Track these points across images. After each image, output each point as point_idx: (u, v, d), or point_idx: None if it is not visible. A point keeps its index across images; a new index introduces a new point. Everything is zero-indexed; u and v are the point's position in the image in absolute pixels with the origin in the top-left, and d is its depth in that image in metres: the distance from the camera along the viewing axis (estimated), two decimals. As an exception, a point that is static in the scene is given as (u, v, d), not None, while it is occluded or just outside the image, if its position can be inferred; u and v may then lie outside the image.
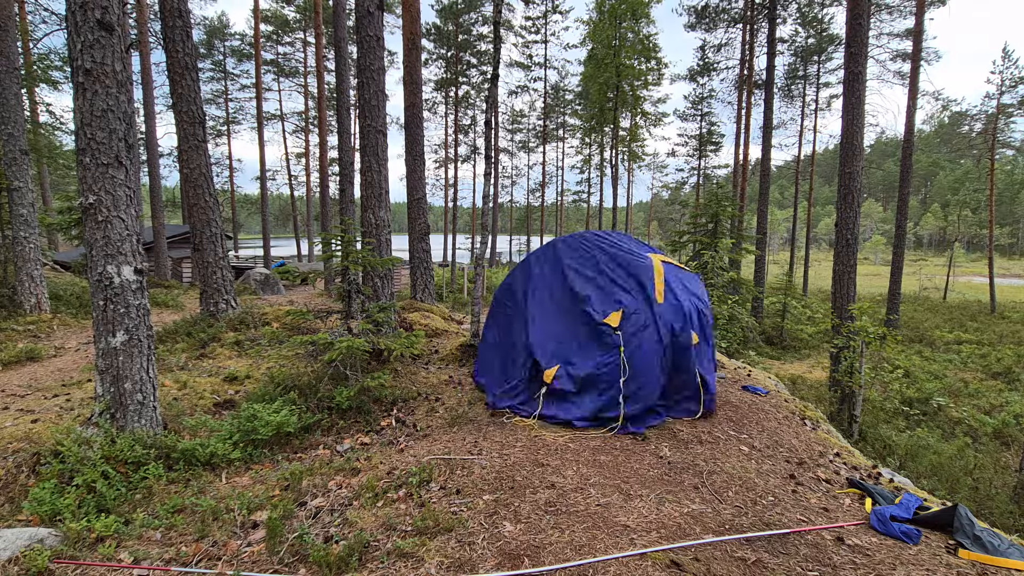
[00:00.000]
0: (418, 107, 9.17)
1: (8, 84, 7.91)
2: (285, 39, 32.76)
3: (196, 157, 6.87)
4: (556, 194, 45.45)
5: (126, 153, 3.32)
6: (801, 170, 31.69)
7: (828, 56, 27.98)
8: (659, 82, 30.84)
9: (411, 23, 9.41)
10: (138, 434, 3.29)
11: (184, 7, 6.63)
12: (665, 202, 53.23)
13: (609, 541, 2.35)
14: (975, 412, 10.75)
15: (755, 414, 4.42)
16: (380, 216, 6.50)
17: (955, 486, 6.77)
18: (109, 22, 3.20)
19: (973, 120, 30.07)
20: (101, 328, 3.31)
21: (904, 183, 18.37)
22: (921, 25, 18.65)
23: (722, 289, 12.66)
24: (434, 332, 6.82)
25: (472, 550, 2.25)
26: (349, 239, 5.26)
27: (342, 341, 4.46)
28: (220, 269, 7.07)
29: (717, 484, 3.09)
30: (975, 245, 64.13)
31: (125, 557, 2.31)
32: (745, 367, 6.38)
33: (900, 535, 2.63)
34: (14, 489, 3.00)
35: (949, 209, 56.21)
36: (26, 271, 8.22)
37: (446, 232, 34.13)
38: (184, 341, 6.27)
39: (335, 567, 2.15)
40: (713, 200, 14.43)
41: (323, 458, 3.58)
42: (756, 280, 20.59)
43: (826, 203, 67.74)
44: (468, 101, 33.98)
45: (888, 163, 66.81)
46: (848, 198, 9.85)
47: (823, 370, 14.12)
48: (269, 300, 10.88)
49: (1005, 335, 19.07)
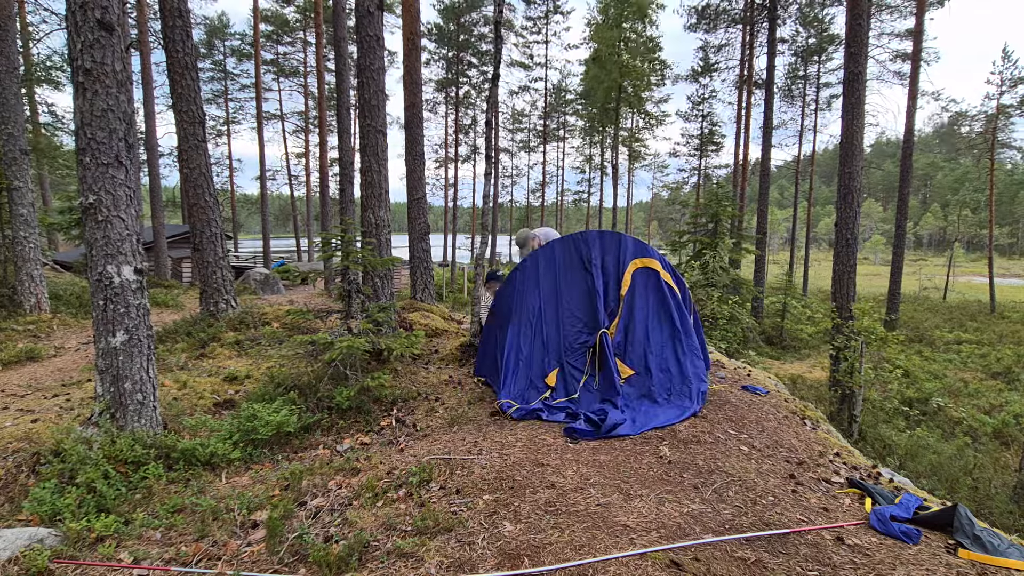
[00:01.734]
0: (418, 107, 9.17)
1: (8, 84, 7.91)
2: (285, 39, 32.76)
3: (196, 157, 6.87)
4: (556, 194, 45.45)
5: (126, 153, 3.32)
6: (801, 170, 31.70)
7: (828, 56, 27.98)
8: (661, 82, 30.90)
9: (411, 23, 9.41)
10: (138, 434, 3.30)
11: (184, 7, 6.63)
12: (665, 202, 53.24)
13: (609, 541, 2.35)
14: (975, 412, 10.75)
15: (755, 414, 4.41)
16: (380, 216, 6.50)
17: (955, 486, 6.78)
18: (109, 22, 3.20)
19: (973, 120, 30.09)
20: (101, 328, 3.31)
21: (904, 183, 18.37)
22: (921, 25, 18.66)
23: (722, 289, 12.66)
24: (434, 332, 6.82)
25: (472, 550, 2.25)
26: (349, 239, 5.26)
27: (342, 341, 4.46)
28: (220, 269, 7.07)
29: (717, 484, 3.09)
30: (975, 245, 64.11)
31: (125, 557, 2.31)
32: (745, 367, 6.38)
33: (900, 535, 2.63)
34: (14, 489, 3.00)
35: (949, 209, 56.23)
36: (26, 271, 8.22)
37: (446, 232, 34.15)
38: (184, 341, 6.27)
39: (335, 567, 2.15)
40: (713, 200, 14.44)
41: (323, 458, 3.58)
42: (756, 280, 20.59)
43: (826, 203, 67.71)
44: (468, 101, 33.99)
45: (888, 163, 66.77)
46: (848, 198, 9.86)
47: (823, 370, 14.13)
48: (269, 300, 10.88)
49: (1005, 335, 19.08)
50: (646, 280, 4.91)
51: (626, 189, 43.69)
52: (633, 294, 4.85)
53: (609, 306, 4.82)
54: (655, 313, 4.84)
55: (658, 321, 4.81)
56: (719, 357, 6.56)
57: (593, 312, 4.77)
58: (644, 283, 4.90)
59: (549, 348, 4.71)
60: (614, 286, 4.87)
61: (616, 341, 4.70)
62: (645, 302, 4.85)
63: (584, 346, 4.71)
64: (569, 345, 4.72)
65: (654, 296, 4.88)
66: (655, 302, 4.87)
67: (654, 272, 4.94)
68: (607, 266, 4.91)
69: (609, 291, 4.87)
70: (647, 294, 4.88)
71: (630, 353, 4.68)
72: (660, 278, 4.92)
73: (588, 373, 4.59)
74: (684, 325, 4.87)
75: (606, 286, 4.86)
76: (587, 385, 4.52)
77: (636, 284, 4.87)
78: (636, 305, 4.82)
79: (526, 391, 4.52)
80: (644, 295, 4.87)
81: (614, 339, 4.70)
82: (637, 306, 4.82)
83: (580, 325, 4.78)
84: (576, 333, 4.76)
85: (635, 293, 4.85)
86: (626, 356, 4.67)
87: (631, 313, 4.80)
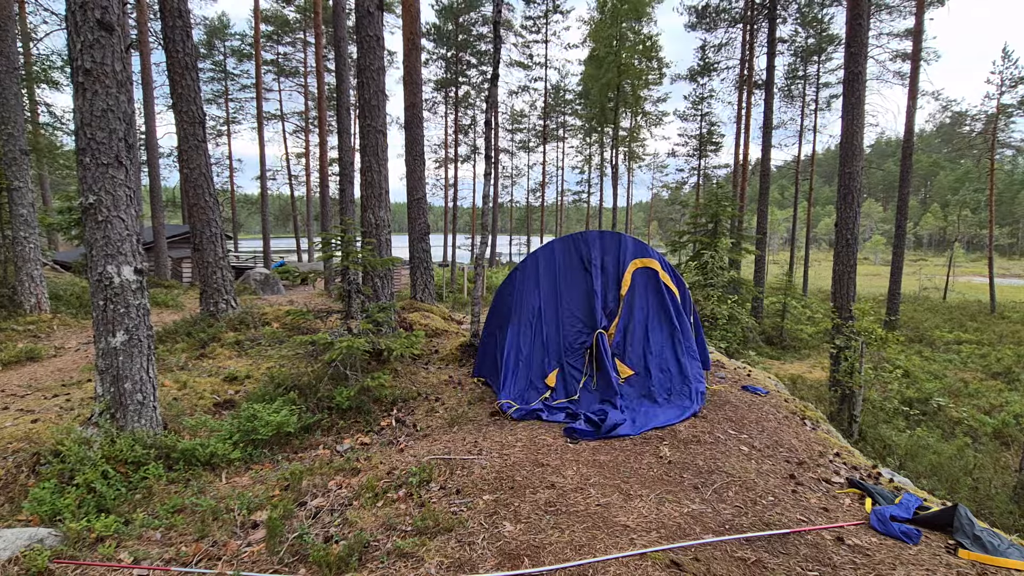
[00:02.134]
0: (418, 107, 9.17)
1: (8, 84, 7.91)
2: (285, 39, 32.75)
3: (196, 157, 6.87)
4: (556, 194, 45.48)
5: (126, 153, 3.32)
6: (801, 170, 31.68)
7: (828, 56, 27.97)
8: (659, 81, 30.89)
9: (411, 23, 9.40)
10: (138, 434, 3.29)
11: (184, 7, 6.63)
12: (665, 202, 53.22)
13: (609, 541, 2.35)
14: (975, 412, 10.75)
15: (755, 414, 4.41)
16: (380, 216, 6.50)
17: (955, 486, 6.77)
18: (109, 22, 3.20)
19: (973, 120, 30.09)
20: (101, 328, 3.31)
21: (904, 183, 18.37)
22: (921, 25, 18.66)
23: (722, 289, 12.66)
24: (434, 332, 6.82)
25: (472, 550, 2.25)
26: (349, 239, 5.26)
27: (342, 341, 4.46)
28: (220, 269, 7.06)
29: (717, 484, 3.09)
30: (975, 245, 64.11)
31: (125, 557, 2.31)
32: (745, 367, 6.38)
33: (900, 535, 2.63)
34: (14, 489, 3.00)
35: (949, 209, 56.18)
36: (26, 271, 8.22)
37: (446, 232, 34.12)
38: (184, 341, 6.27)
39: (335, 567, 2.15)
40: (713, 200, 14.43)
41: (323, 458, 3.58)
42: (756, 280, 20.58)
43: (826, 203, 67.69)
44: (468, 101, 33.98)
45: (888, 163, 66.78)
46: (848, 198, 9.85)
47: (823, 370, 14.12)
48: (269, 300, 10.88)
49: (1005, 335, 19.07)
50: (646, 280, 4.91)
51: (626, 189, 43.71)
52: (633, 294, 4.85)
53: (608, 306, 4.83)
54: (655, 313, 4.84)
55: (658, 321, 4.81)
56: (719, 357, 6.56)
57: (592, 312, 4.77)
58: (644, 283, 4.90)
59: (549, 348, 4.72)
60: (613, 286, 4.87)
61: (616, 341, 4.71)
62: (645, 302, 4.85)
63: (583, 346, 4.72)
64: (569, 345, 4.72)
65: (654, 296, 4.88)
66: (655, 302, 4.87)
67: (654, 272, 4.94)
68: (607, 266, 4.91)
69: (609, 291, 4.87)
70: (647, 294, 4.88)
71: (630, 353, 4.68)
72: (660, 279, 4.92)
73: (587, 374, 4.59)
74: (683, 326, 4.87)
75: (605, 286, 4.86)
76: (587, 385, 4.52)
77: (636, 284, 4.87)
78: (636, 305, 4.83)
79: (526, 391, 4.52)
80: (644, 295, 4.87)
81: (613, 339, 4.70)
82: (637, 306, 4.82)
83: (580, 325, 4.78)
84: (576, 333, 4.76)
85: (635, 293, 4.85)
86: (626, 356, 4.67)
87: (631, 313, 4.80)
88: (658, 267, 4.95)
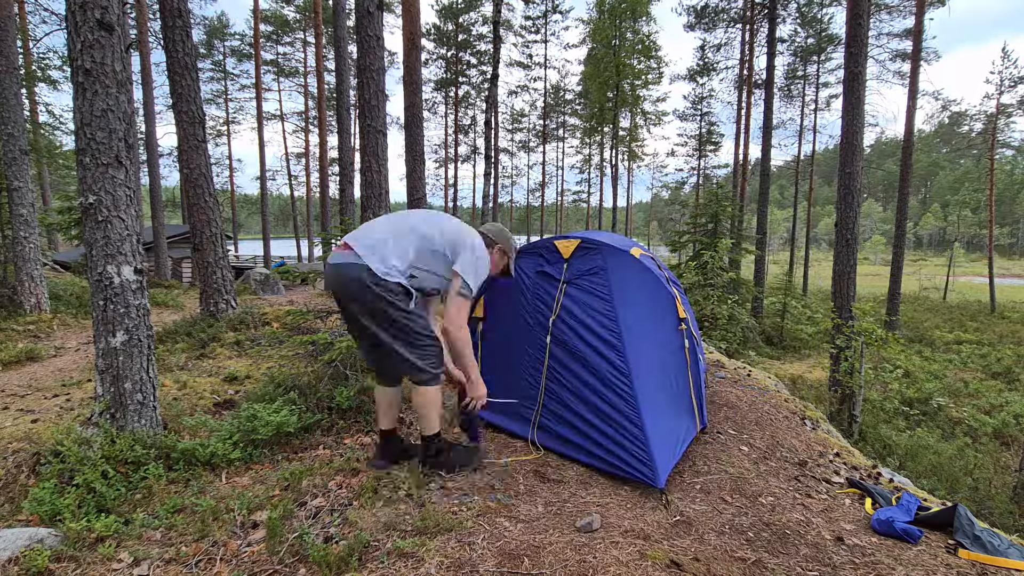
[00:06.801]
0: (418, 107, 9.18)
1: (8, 84, 7.91)
2: (285, 39, 32.79)
3: (196, 157, 6.86)
4: (556, 194, 45.51)
5: (126, 153, 3.32)
6: (801, 170, 31.71)
7: (828, 56, 28.00)
8: (659, 81, 30.93)
9: (411, 23, 9.41)
10: (138, 434, 3.29)
11: (184, 7, 6.63)
12: (665, 202, 53.24)
13: (609, 541, 2.35)
14: (975, 412, 10.76)
15: (755, 414, 4.41)
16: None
17: (955, 486, 6.78)
18: (109, 22, 3.20)
19: (973, 120, 30.12)
20: (101, 328, 3.31)
21: (904, 183, 18.38)
22: (921, 25, 18.68)
23: (722, 289, 12.67)
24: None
25: (472, 550, 2.25)
26: (349, 239, 5.25)
27: (342, 341, 4.46)
28: (220, 269, 7.06)
29: (717, 484, 3.09)
30: (975, 245, 64.14)
31: (125, 557, 2.31)
32: (745, 367, 6.38)
33: (900, 535, 2.63)
34: (14, 489, 2.99)
35: (949, 209, 56.24)
36: (26, 271, 8.22)
37: (446, 232, 34.05)
38: (184, 341, 6.27)
39: (335, 567, 2.15)
40: (713, 200, 14.46)
41: (323, 458, 3.57)
42: (756, 280, 20.61)
43: (826, 203, 67.71)
44: (468, 101, 34.02)
45: (888, 163, 66.78)
46: (848, 198, 9.86)
47: (823, 370, 14.13)
48: (269, 300, 10.89)
49: (1005, 335, 19.09)
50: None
51: (626, 189, 43.75)
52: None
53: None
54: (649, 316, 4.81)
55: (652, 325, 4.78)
56: (719, 357, 6.56)
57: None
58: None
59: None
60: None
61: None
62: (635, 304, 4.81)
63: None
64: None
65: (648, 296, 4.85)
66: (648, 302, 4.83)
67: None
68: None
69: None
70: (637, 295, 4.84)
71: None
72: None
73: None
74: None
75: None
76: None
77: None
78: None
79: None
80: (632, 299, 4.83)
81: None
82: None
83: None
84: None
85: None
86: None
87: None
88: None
